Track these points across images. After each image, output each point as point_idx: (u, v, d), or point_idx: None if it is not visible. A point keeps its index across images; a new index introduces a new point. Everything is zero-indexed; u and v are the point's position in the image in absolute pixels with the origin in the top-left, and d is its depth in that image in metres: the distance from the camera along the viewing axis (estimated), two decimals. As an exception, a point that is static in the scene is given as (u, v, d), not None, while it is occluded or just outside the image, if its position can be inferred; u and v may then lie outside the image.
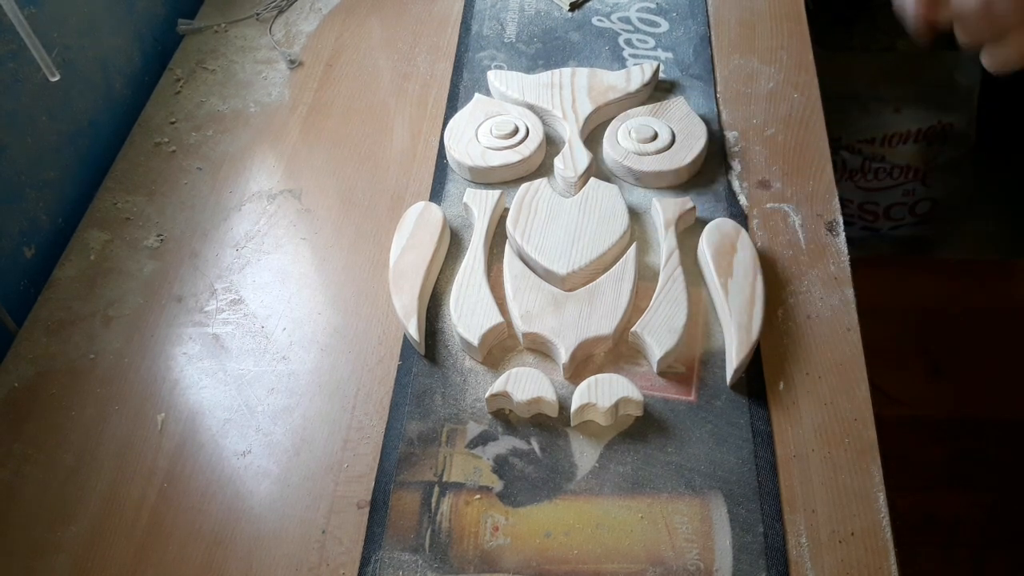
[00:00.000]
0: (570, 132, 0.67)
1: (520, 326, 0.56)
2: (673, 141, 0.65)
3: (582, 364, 0.56)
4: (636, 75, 0.70)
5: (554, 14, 0.81)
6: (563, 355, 0.54)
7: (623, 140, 0.66)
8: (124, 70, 0.77)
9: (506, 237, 0.61)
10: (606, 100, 0.69)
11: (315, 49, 0.80)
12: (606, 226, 0.60)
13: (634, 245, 0.59)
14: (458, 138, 0.67)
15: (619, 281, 0.57)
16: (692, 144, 0.65)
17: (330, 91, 0.76)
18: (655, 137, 0.65)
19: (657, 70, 0.71)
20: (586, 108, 0.68)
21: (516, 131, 0.67)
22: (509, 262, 0.59)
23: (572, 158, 0.65)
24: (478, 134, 0.67)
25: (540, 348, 0.57)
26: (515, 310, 0.57)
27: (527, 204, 0.62)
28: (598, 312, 0.56)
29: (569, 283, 0.58)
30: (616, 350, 0.56)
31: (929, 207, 1.26)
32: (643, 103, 0.70)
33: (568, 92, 0.70)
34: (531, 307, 0.56)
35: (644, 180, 0.65)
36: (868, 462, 0.50)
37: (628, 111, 0.68)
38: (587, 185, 0.63)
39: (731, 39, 0.76)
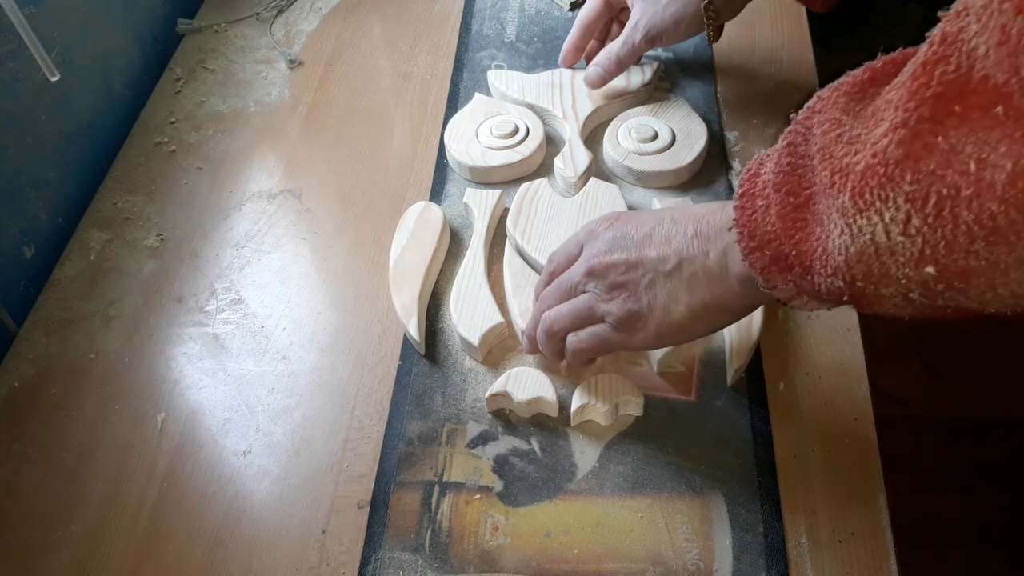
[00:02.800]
0: (570, 132, 0.67)
1: (520, 323, 0.56)
2: (673, 141, 0.65)
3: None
4: (636, 75, 0.70)
5: (554, 14, 0.81)
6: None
7: (623, 140, 0.66)
8: (124, 70, 0.77)
9: (506, 236, 0.61)
10: (606, 100, 0.69)
11: (315, 49, 0.80)
12: None
13: None
14: (458, 138, 0.67)
15: None
16: (692, 144, 0.65)
17: (330, 91, 0.76)
18: (655, 137, 0.65)
19: (657, 71, 0.71)
20: (586, 108, 0.68)
21: (516, 131, 0.67)
22: (509, 259, 0.59)
23: (572, 158, 0.65)
24: (478, 134, 0.67)
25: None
26: (515, 307, 0.57)
27: (527, 204, 0.62)
28: None
29: None
30: (616, 350, 0.56)
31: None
32: (643, 103, 0.70)
33: (568, 92, 0.70)
34: (531, 304, 0.56)
35: (644, 180, 0.65)
36: (868, 462, 0.50)
37: (628, 111, 0.68)
38: (587, 185, 0.63)
39: (731, 39, 0.76)
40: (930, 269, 0.34)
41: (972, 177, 0.31)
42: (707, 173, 0.66)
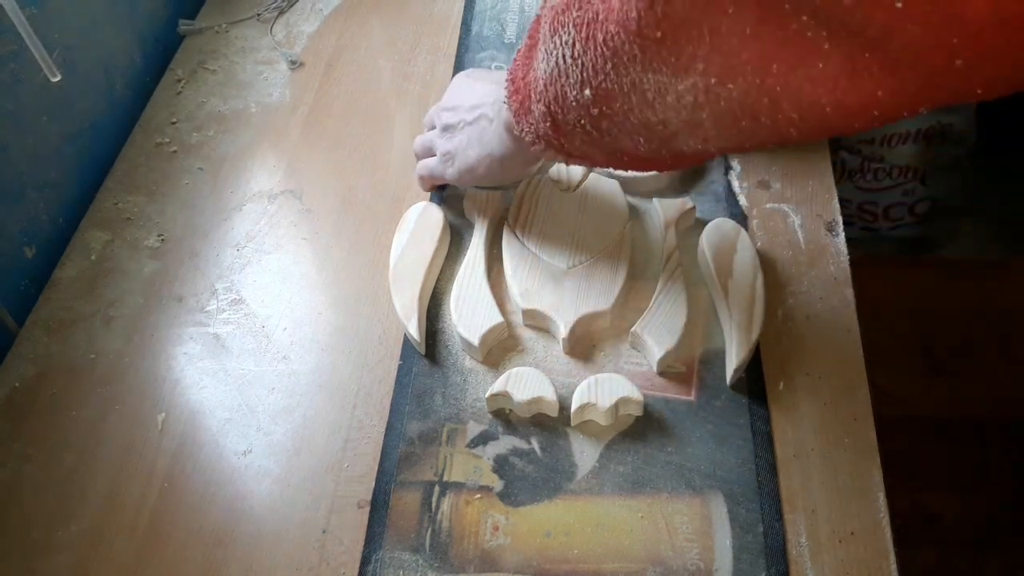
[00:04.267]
0: None
1: (520, 303, 0.56)
2: None
3: (583, 344, 0.56)
4: None
5: (554, 14, 0.81)
6: (562, 330, 0.55)
7: None
8: (125, 70, 0.77)
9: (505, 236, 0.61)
10: None
11: (316, 50, 0.80)
12: (605, 221, 0.60)
13: (629, 223, 0.60)
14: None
15: (615, 258, 0.58)
16: None
17: (331, 92, 0.76)
18: None
19: None
20: None
21: None
22: (508, 242, 0.60)
23: (567, 169, 0.64)
24: None
25: (540, 324, 0.57)
26: (514, 287, 0.57)
27: (527, 199, 0.62)
28: (596, 287, 0.57)
29: (569, 275, 0.58)
30: (616, 348, 0.56)
31: (929, 207, 1.26)
32: None
33: None
34: (530, 284, 0.57)
35: (632, 186, 0.64)
36: (868, 462, 0.50)
37: None
38: (587, 180, 0.63)
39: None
40: (587, 92, 0.40)
41: (606, 4, 0.36)
42: (707, 173, 0.66)
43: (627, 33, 0.35)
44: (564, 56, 0.40)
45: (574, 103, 0.41)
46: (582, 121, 0.42)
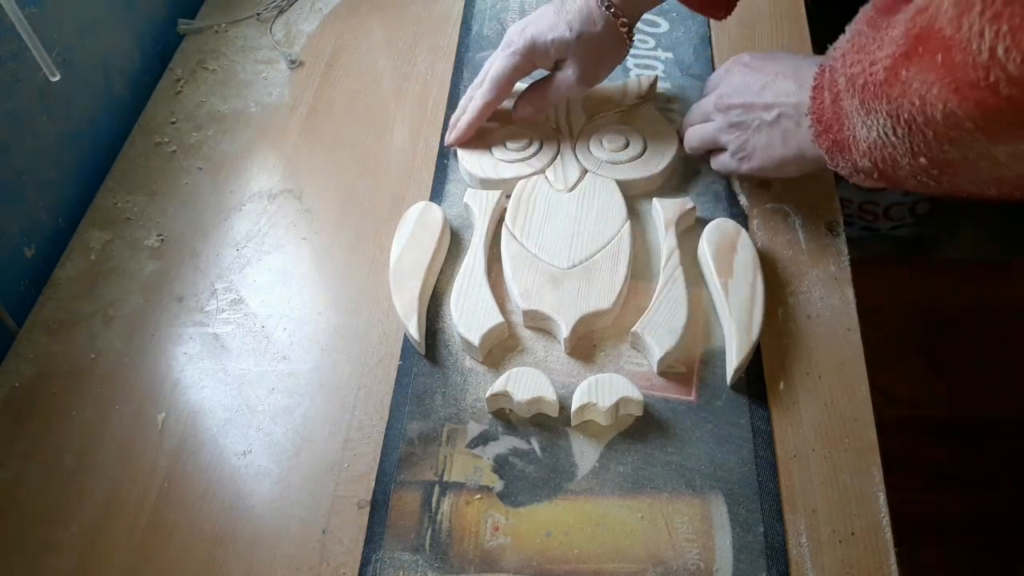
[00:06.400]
0: (560, 145, 0.66)
1: (520, 304, 0.56)
2: (645, 148, 0.65)
3: (583, 344, 0.56)
4: (633, 88, 0.70)
5: (554, 14, 0.81)
6: (564, 330, 0.55)
7: (595, 150, 0.65)
8: (124, 70, 0.77)
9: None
10: (600, 112, 0.68)
11: (315, 49, 0.80)
12: (604, 220, 0.60)
13: (628, 222, 0.60)
14: (471, 149, 0.67)
15: (615, 256, 0.58)
16: (664, 150, 0.65)
17: (330, 91, 0.76)
18: (627, 146, 0.65)
19: (655, 83, 0.70)
20: (580, 120, 0.68)
21: (530, 143, 0.66)
22: (507, 243, 0.59)
23: (563, 171, 0.64)
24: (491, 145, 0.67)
25: (541, 325, 0.57)
26: (515, 289, 0.57)
27: (525, 200, 0.62)
28: (596, 287, 0.56)
29: (569, 276, 0.58)
30: (616, 348, 0.56)
31: (929, 207, 1.26)
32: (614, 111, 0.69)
33: (562, 104, 0.69)
34: (530, 285, 0.57)
35: (632, 186, 0.64)
36: (868, 462, 0.50)
37: (597, 118, 0.68)
38: (584, 180, 0.63)
39: (731, 39, 0.76)
40: (923, 160, 0.41)
41: (918, 109, 0.38)
42: (707, 173, 0.66)
43: (960, 121, 0.36)
44: (887, 133, 0.41)
45: (907, 167, 0.42)
46: (917, 176, 0.43)
